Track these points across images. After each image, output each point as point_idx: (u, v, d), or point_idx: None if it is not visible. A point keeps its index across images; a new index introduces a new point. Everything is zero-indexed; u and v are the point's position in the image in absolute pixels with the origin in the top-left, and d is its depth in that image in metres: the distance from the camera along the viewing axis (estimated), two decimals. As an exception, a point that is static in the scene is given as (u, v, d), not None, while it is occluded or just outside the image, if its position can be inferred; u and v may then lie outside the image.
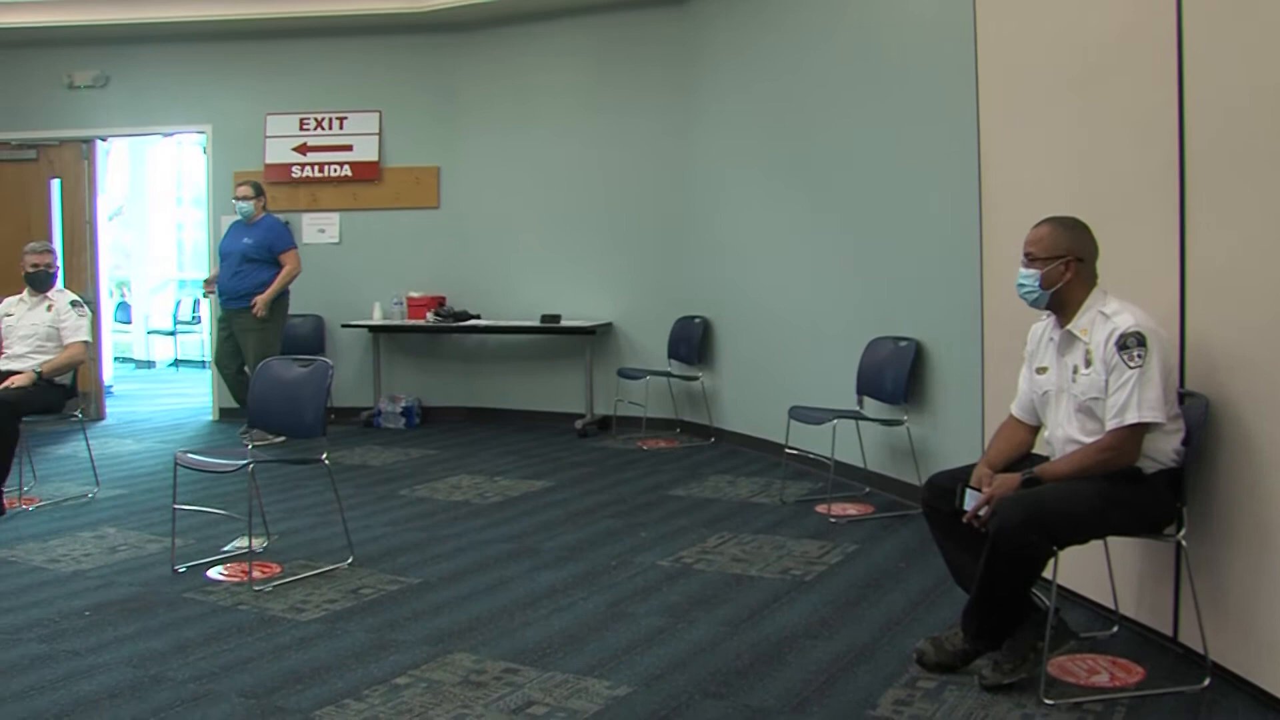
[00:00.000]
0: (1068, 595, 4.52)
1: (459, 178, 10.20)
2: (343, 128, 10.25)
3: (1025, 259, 3.90)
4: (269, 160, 10.27)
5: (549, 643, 4.29)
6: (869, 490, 6.88)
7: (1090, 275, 3.86)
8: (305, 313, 10.14)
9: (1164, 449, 3.69)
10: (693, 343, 9.08)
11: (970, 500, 3.78)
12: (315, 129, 10.26)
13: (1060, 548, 3.62)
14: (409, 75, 10.23)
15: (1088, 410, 3.76)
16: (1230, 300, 3.73)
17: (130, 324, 16.08)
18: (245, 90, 10.34)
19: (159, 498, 6.83)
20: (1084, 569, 4.37)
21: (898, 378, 6.51)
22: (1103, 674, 3.89)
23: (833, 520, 6.21)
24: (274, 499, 6.66)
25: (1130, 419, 3.58)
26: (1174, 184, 3.91)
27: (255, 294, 8.83)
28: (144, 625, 4.54)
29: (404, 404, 9.95)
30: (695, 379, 9.16)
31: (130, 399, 12.29)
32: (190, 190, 15.85)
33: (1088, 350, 3.77)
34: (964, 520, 3.79)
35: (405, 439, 9.30)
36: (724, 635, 4.37)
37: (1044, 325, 4.04)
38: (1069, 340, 3.86)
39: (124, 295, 16.41)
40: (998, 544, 3.58)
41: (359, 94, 10.25)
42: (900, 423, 6.55)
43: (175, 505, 5.52)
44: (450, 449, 8.80)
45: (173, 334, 15.62)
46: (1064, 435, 3.86)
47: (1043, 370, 3.99)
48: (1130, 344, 3.61)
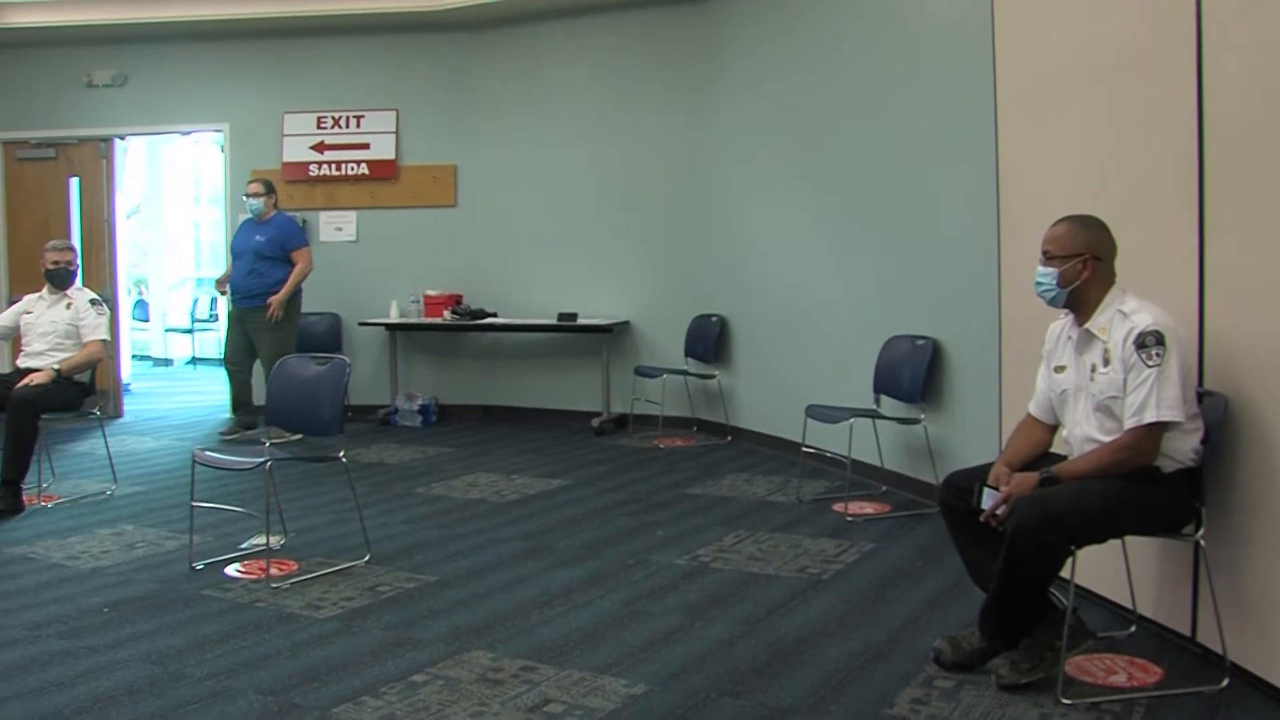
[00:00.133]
0: (1085, 595, 4.51)
1: (476, 176, 10.21)
2: (360, 126, 10.27)
3: (1043, 257, 3.89)
4: (286, 158, 10.30)
5: (566, 641, 4.29)
6: (886, 489, 6.87)
7: (1108, 274, 3.84)
8: (322, 310, 10.17)
9: (1182, 448, 3.67)
10: (709, 341, 9.08)
11: (988, 499, 3.77)
12: (332, 127, 10.28)
13: (1078, 547, 3.61)
14: (426, 74, 10.25)
15: (1106, 409, 3.74)
16: (1249, 299, 3.71)
17: (148, 322, 16.14)
18: (262, 89, 10.38)
19: (177, 495, 6.85)
20: (1102, 568, 4.35)
21: (915, 376, 6.50)
22: (1121, 674, 3.88)
23: (849, 519, 6.21)
24: (291, 496, 6.67)
25: (1149, 418, 3.57)
26: (1193, 182, 3.90)
27: (270, 293, 8.83)
28: (162, 622, 4.55)
29: (421, 402, 9.97)
30: (712, 377, 9.16)
31: (148, 397, 12.33)
32: (208, 188, 15.89)
33: (1106, 349, 3.75)
34: (982, 519, 3.78)
35: (422, 437, 9.32)
36: (741, 634, 4.36)
37: (1062, 324, 4.02)
38: (1087, 339, 3.85)
39: (142, 293, 16.47)
40: (1015, 543, 3.57)
41: (376, 92, 10.27)
42: (917, 421, 6.53)
43: (193, 503, 5.53)
44: (467, 447, 8.81)
45: (190, 332, 15.68)
46: (1082, 434, 3.85)
47: (1061, 369, 3.98)
48: (1149, 343, 3.60)
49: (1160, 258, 4.08)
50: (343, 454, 5.49)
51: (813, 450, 6.85)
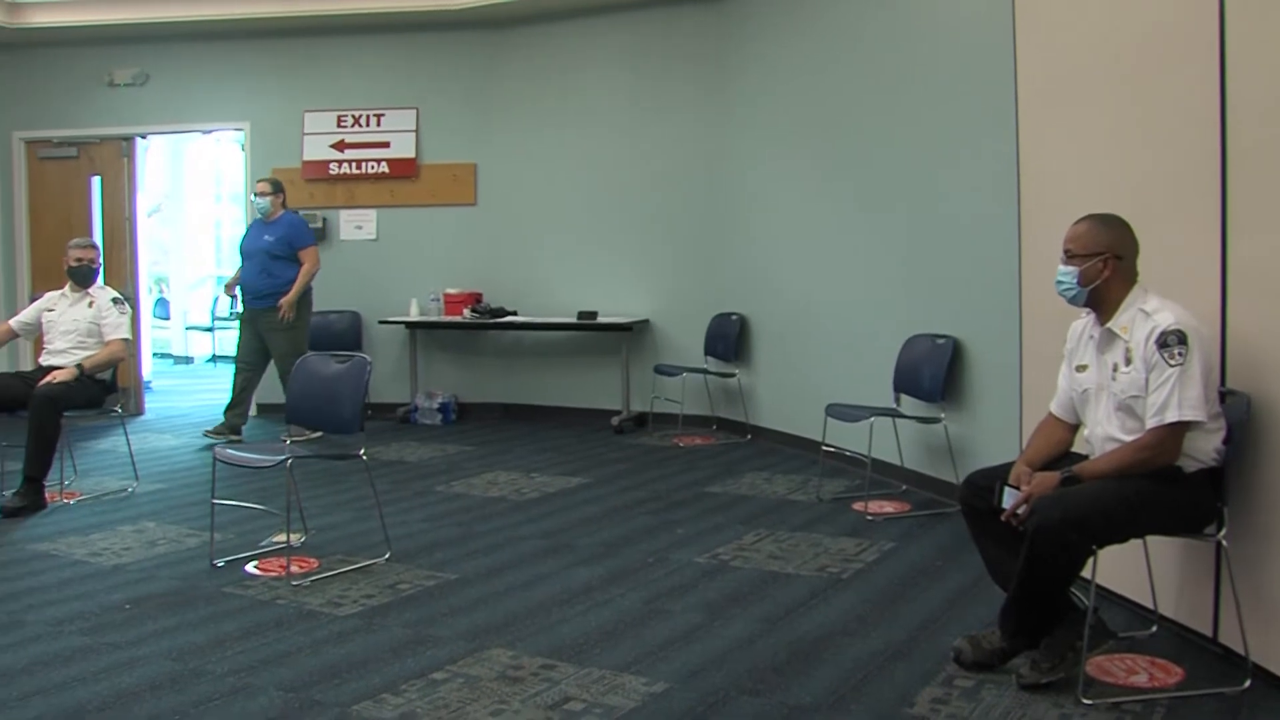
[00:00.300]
0: (1106, 595, 4.49)
1: (496, 174, 10.21)
2: (380, 125, 10.29)
3: (1064, 256, 3.87)
4: (306, 157, 10.33)
5: (586, 639, 4.30)
6: (906, 488, 6.85)
7: (1130, 273, 3.83)
8: (342, 309, 10.21)
9: (1204, 448, 3.66)
10: (729, 340, 9.07)
11: (1009, 498, 3.76)
12: (353, 126, 10.30)
13: (1099, 547, 3.61)
14: (446, 72, 10.26)
15: (1127, 409, 3.73)
16: (1272, 297, 3.69)
17: (169, 320, 16.21)
18: (283, 87, 10.41)
19: (197, 492, 6.88)
20: (1123, 568, 4.33)
21: (935, 375, 6.49)
22: (1141, 674, 3.86)
23: (869, 518, 6.20)
24: (311, 494, 6.69)
25: (1171, 417, 3.56)
26: (1215, 180, 3.88)
27: (281, 293, 8.78)
28: (183, 619, 4.57)
29: (440, 400, 9.98)
30: (732, 376, 9.16)
31: (169, 394, 12.38)
32: (228, 187, 15.93)
33: (1128, 348, 3.73)
34: (1002, 518, 3.77)
35: (442, 435, 9.33)
36: (761, 632, 4.36)
37: (1084, 323, 4.01)
38: (1109, 338, 3.83)
39: (162, 291, 16.54)
40: (1036, 542, 3.56)
41: (396, 91, 10.29)
42: (938, 420, 6.52)
43: (214, 500, 5.54)
44: (486, 445, 8.82)
45: (211, 330, 15.71)
46: (1103, 434, 3.83)
47: (1082, 368, 3.96)
48: (1171, 342, 3.58)
49: (1182, 256, 4.06)
50: (363, 452, 5.51)
51: (833, 449, 6.84)
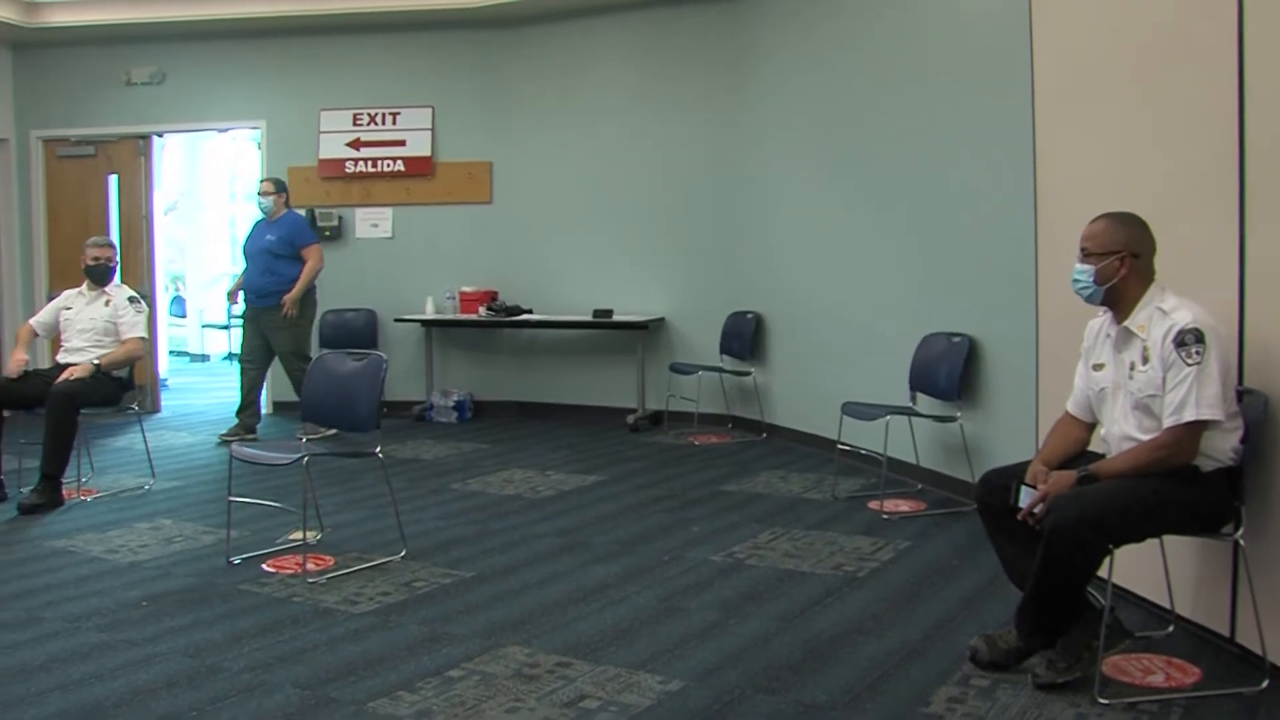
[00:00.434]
0: (1123, 594, 4.48)
1: (511, 173, 10.22)
2: (396, 123, 10.30)
3: (1081, 254, 3.86)
4: (322, 155, 10.34)
5: (601, 637, 4.30)
6: (921, 487, 6.84)
7: (1147, 271, 3.81)
8: (358, 307, 10.23)
9: (1222, 447, 3.64)
10: (745, 338, 9.07)
11: (1025, 497, 3.75)
12: (368, 124, 10.31)
13: (1116, 546, 3.60)
14: (462, 71, 10.26)
15: (1145, 407, 3.71)
16: (1291, 296, 3.68)
17: (185, 318, 16.27)
18: (299, 86, 10.42)
19: (214, 490, 6.90)
20: (1139, 568, 4.32)
21: (951, 374, 6.47)
22: (1158, 674, 3.85)
23: (885, 517, 6.19)
24: (327, 492, 6.70)
25: (1188, 417, 3.54)
26: (1233, 178, 3.86)
27: (284, 291, 8.79)
28: (200, 616, 4.59)
29: (456, 398, 9.99)
30: (747, 374, 9.15)
31: (185, 392, 12.43)
32: (244, 185, 15.97)
33: (1145, 347, 3.72)
34: (1019, 517, 3.76)
35: (457, 433, 9.34)
36: (776, 631, 4.36)
37: (1101, 321, 3.99)
38: (1126, 337, 3.82)
39: (179, 289, 16.59)
40: (1053, 541, 3.55)
41: (412, 89, 10.30)
42: (954, 419, 6.51)
43: (230, 497, 5.57)
44: (502, 443, 8.83)
45: (226, 328, 15.75)
46: (1120, 432, 3.82)
47: (1099, 367, 3.95)
48: (1188, 341, 3.57)
49: (1200, 254, 4.05)
50: (379, 450, 5.52)
51: (848, 448, 6.83)
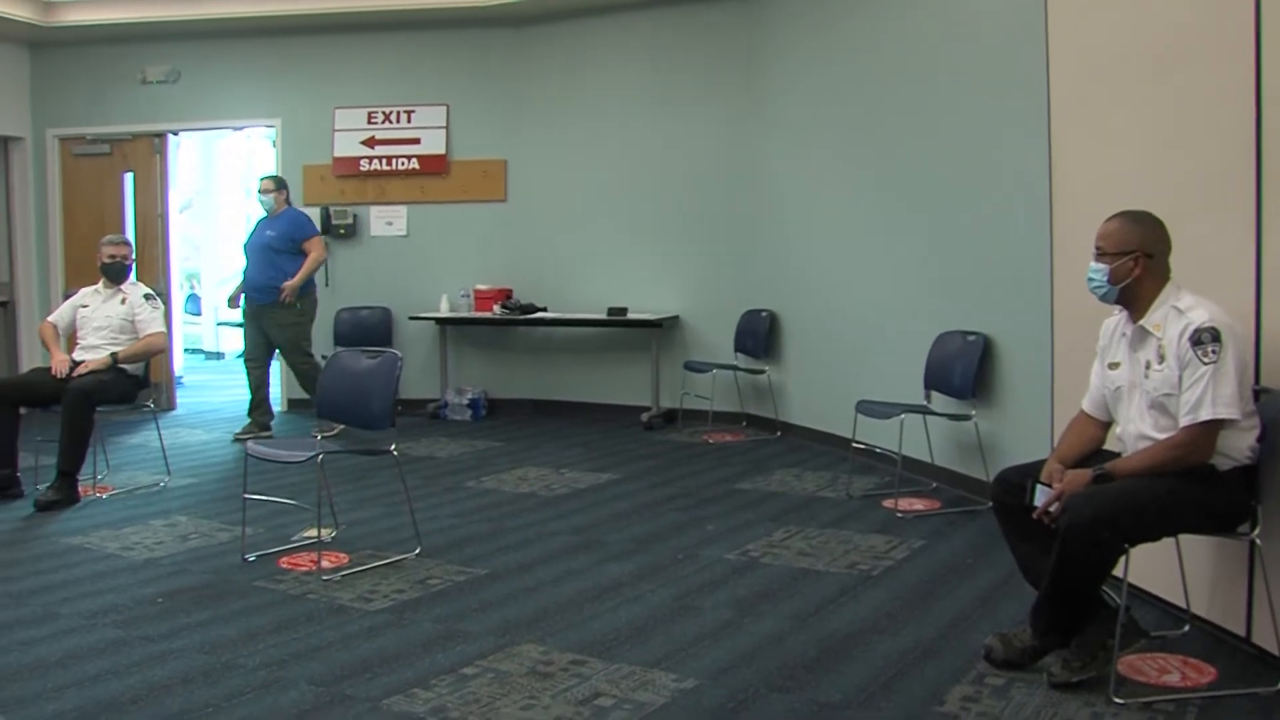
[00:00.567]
0: (1138, 593, 4.47)
1: (526, 171, 10.22)
2: (410, 121, 10.31)
3: (1095, 253, 3.85)
4: (337, 153, 10.36)
5: (616, 635, 4.30)
6: (936, 485, 6.83)
7: (1161, 271, 3.79)
8: (373, 305, 10.26)
9: (1238, 446, 3.63)
10: (759, 336, 9.06)
11: (1041, 496, 3.74)
12: (383, 122, 10.33)
13: (1131, 545, 3.59)
14: (476, 69, 10.26)
15: (1160, 406, 3.70)
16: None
17: (200, 316, 16.30)
18: (314, 84, 10.44)
19: (229, 487, 6.92)
20: (1155, 567, 4.31)
21: (966, 372, 6.46)
22: (1174, 674, 3.84)
23: (900, 515, 6.18)
24: (342, 490, 6.71)
25: (1204, 416, 3.53)
26: (1250, 177, 3.84)
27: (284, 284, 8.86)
28: (215, 613, 4.60)
29: (470, 396, 10.01)
30: (761, 372, 9.15)
31: (200, 390, 12.48)
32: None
33: (1161, 345, 3.71)
34: (1034, 516, 3.75)
35: (472, 431, 9.35)
36: (790, 629, 4.36)
37: (1116, 320, 3.98)
38: (1141, 335, 3.81)
39: (194, 287, 16.62)
40: (1068, 540, 3.55)
41: (427, 87, 10.31)
42: (968, 418, 6.50)
43: (245, 495, 5.58)
44: (516, 441, 8.84)
45: (241, 325, 15.72)
46: (1136, 431, 3.81)
47: (1115, 365, 3.94)
48: (1204, 339, 3.56)
49: (1216, 253, 4.03)
50: (394, 447, 5.53)
51: (863, 446, 6.82)
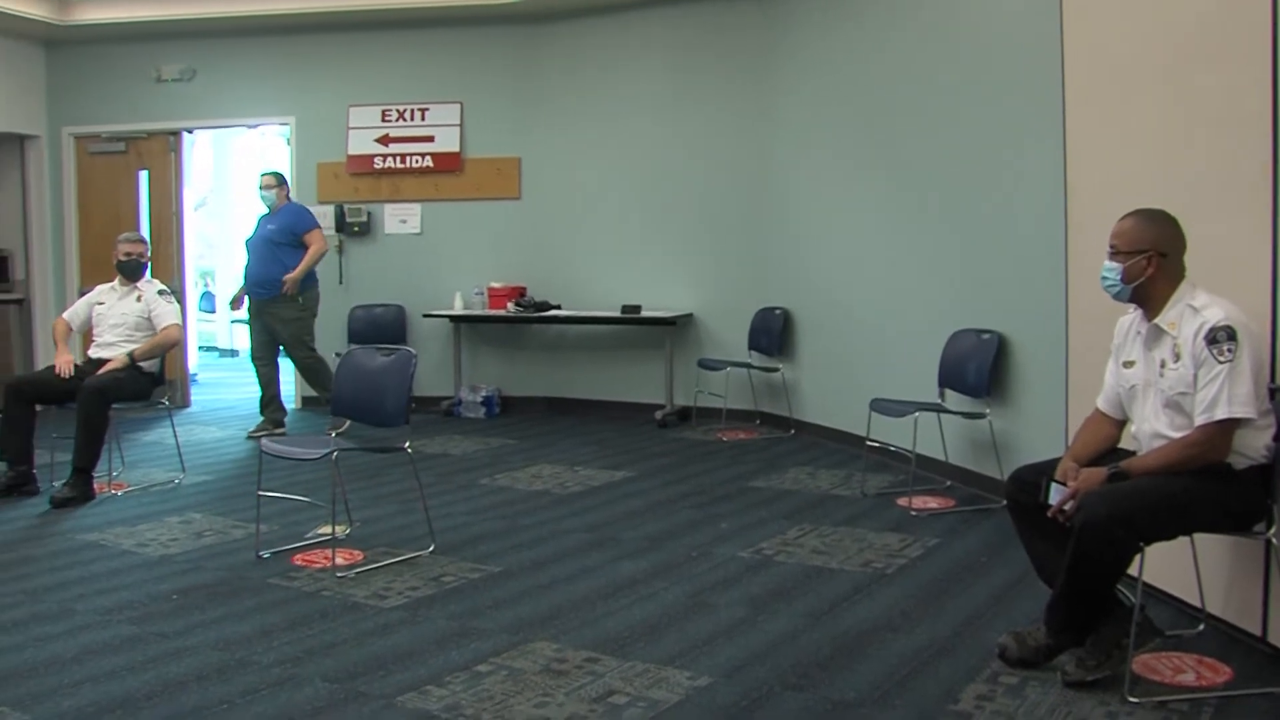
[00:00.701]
0: (1153, 592, 4.45)
1: (540, 169, 10.23)
2: (424, 119, 10.32)
3: (1110, 251, 3.84)
4: (351, 151, 10.38)
5: (630, 632, 4.30)
6: (950, 483, 6.82)
7: (1176, 269, 3.78)
8: (387, 302, 10.28)
9: (1254, 445, 3.62)
10: (773, 334, 9.06)
11: (1055, 494, 3.74)
12: (397, 120, 10.34)
13: (1146, 544, 3.58)
14: (490, 66, 10.27)
15: (1175, 405, 3.69)
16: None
17: (214, 313, 16.33)
18: (328, 82, 10.46)
19: (243, 484, 6.94)
20: (1170, 566, 4.30)
21: (980, 370, 6.45)
22: (1189, 673, 3.83)
23: (914, 513, 6.18)
24: (356, 487, 6.72)
25: (1220, 414, 3.52)
26: (1266, 175, 3.83)
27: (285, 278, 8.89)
28: (230, 609, 4.61)
29: (484, 393, 10.02)
30: (775, 370, 9.14)
31: (214, 387, 12.49)
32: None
33: (1176, 344, 3.70)
34: (1049, 514, 3.74)
35: (485, 428, 9.36)
36: (804, 627, 4.36)
37: (1131, 318, 3.97)
38: (1156, 334, 3.80)
39: (208, 285, 16.66)
40: (1083, 539, 3.54)
41: (440, 85, 10.32)
42: (982, 416, 6.48)
43: (259, 492, 5.59)
44: (530, 438, 8.84)
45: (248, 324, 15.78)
46: (1151, 430, 3.80)
47: (1130, 364, 3.93)
48: (1220, 338, 3.55)
49: (1231, 251, 4.02)
50: (408, 445, 5.54)
51: (877, 444, 6.82)
